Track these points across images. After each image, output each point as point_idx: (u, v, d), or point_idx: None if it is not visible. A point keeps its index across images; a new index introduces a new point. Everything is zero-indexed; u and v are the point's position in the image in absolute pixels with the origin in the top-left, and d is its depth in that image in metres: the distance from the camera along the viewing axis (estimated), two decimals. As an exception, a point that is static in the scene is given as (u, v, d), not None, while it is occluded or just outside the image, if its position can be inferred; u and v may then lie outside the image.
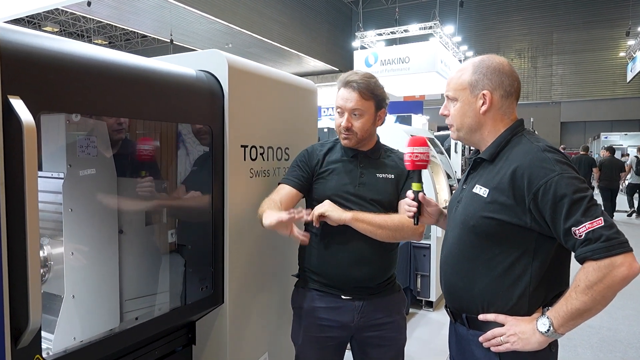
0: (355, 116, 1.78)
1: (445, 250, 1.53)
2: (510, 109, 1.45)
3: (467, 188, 1.49)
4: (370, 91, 1.77)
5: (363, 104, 1.77)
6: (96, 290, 1.65)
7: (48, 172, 1.61)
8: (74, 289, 1.57)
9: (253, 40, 16.87)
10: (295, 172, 1.85)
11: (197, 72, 1.70)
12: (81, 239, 1.60)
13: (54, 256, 1.58)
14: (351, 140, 1.81)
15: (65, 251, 1.56)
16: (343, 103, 1.78)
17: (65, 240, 1.55)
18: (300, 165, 1.85)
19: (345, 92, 1.78)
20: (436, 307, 4.49)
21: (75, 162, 1.60)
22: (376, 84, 1.81)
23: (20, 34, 1.13)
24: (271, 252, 2.03)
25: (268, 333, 2.06)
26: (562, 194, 1.24)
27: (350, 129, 1.78)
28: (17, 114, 1.04)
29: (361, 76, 1.78)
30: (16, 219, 1.05)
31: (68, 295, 1.55)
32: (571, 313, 1.24)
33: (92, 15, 15.36)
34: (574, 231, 1.22)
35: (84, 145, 1.65)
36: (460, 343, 1.51)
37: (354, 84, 1.75)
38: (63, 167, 1.57)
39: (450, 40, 14.48)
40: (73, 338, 1.53)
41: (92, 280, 1.63)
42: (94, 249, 1.64)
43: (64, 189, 1.55)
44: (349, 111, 1.77)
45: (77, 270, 1.59)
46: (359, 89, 1.75)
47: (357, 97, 1.76)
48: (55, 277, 1.58)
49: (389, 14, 20.24)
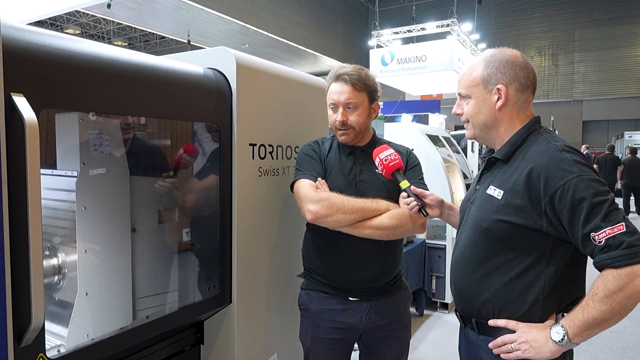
0: (350, 109, 1.74)
1: (456, 252, 1.48)
2: (526, 103, 1.39)
3: (481, 189, 1.44)
4: (362, 82, 1.73)
5: (357, 96, 1.73)
6: (109, 287, 1.65)
7: (62, 171, 1.62)
8: (87, 286, 1.57)
9: (269, 40, 16.91)
10: (314, 165, 1.77)
11: (205, 70, 1.69)
12: (94, 236, 1.60)
13: (68, 264, 1.58)
14: (349, 135, 1.76)
15: (78, 249, 1.56)
16: (336, 97, 1.73)
17: (78, 238, 1.55)
18: (315, 157, 1.79)
19: (337, 85, 1.74)
20: (451, 309, 4.41)
21: (88, 160, 1.60)
22: (367, 75, 1.77)
23: (23, 31, 1.13)
24: (279, 251, 2.01)
25: (277, 333, 2.04)
26: (581, 197, 1.17)
27: (346, 123, 1.74)
28: (19, 111, 1.03)
29: (352, 68, 1.75)
30: (19, 216, 1.04)
31: (81, 292, 1.55)
32: (588, 322, 1.17)
33: (112, 17, 15.60)
34: (593, 237, 1.16)
35: (97, 143, 1.65)
36: (469, 348, 1.47)
37: (345, 77, 1.72)
38: (77, 165, 1.58)
39: (468, 38, 14.29)
40: (86, 335, 1.53)
41: (105, 277, 1.64)
42: (107, 246, 1.64)
43: (77, 188, 1.55)
44: (342, 105, 1.73)
45: (91, 268, 1.59)
46: (351, 81, 1.71)
47: (350, 89, 1.72)
48: (70, 285, 1.58)
49: (406, 12, 20.06)
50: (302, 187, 1.70)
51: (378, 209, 1.66)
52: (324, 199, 1.62)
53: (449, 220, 1.69)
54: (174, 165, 1.86)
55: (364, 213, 1.64)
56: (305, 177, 1.73)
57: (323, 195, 1.64)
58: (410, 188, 1.57)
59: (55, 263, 1.59)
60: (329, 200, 1.62)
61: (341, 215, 1.61)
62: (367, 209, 1.64)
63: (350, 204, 1.63)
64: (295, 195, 1.74)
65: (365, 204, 1.65)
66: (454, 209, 1.68)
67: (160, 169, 1.91)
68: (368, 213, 1.64)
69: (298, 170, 1.78)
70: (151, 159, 1.99)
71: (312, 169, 1.75)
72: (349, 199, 1.64)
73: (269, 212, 1.94)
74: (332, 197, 1.63)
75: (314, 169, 1.75)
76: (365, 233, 1.65)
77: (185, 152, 1.84)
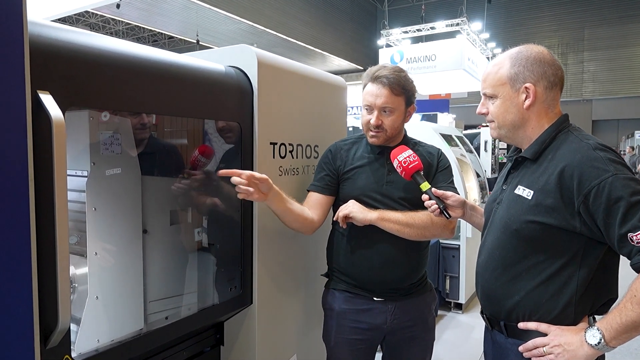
0: (386, 113, 1.70)
1: (484, 254, 1.45)
2: (554, 101, 1.36)
3: (508, 189, 1.40)
4: (401, 86, 1.69)
5: (394, 101, 1.68)
6: (120, 291, 1.62)
7: (72, 170, 1.60)
8: (98, 289, 1.54)
9: (278, 40, 16.90)
10: (321, 176, 1.79)
11: (226, 68, 1.67)
12: (105, 238, 1.57)
13: (78, 277, 1.56)
14: (379, 138, 1.73)
15: (89, 251, 1.53)
16: (372, 100, 1.68)
17: (88, 239, 1.52)
18: (325, 168, 1.80)
19: (374, 87, 1.68)
20: (465, 310, 4.37)
21: (99, 160, 1.58)
22: (406, 78, 1.73)
23: (49, 28, 1.11)
24: (300, 251, 1.99)
25: (297, 334, 2.02)
26: (617, 196, 1.14)
27: (381, 126, 1.70)
28: (46, 109, 1.01)
29: (391, 70, 1.69)
30: (46, 217, 1.02)
31: (92, 296, 1.52)
32: (626, 325, 1.14)
33: (121, 17, 15.67)
34: (631, 237, 1.13)
35: (108, 142, 1.63)
36: (497, 351, 1.44)
37: (384, 79, 1.66)
38: (87, 165, 1.55)
39: (477, 37, 14.20)
40: (97, 340, 1.51)
41: (116, 280, 1.61)
42: (119, 248, 1.61)
43: (87, 188, 1.52)
44: (378, 108, 1.69)
45: (101, 271, 1.56)
46: (389, 84, 1.66)
47: (388, 93, 1.67)
48: (80, 299, 1.55)
49: (415, 12, 19.98)
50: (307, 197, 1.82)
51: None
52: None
53: (471, 221, 1.66)
54: (189, 167, 1.83)
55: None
56: (310, 189, 1.81)
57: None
58: (431, 190, 1.54)
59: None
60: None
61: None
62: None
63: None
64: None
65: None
66: (476, 210, 1.65)
67: (176, 170, 1.89)
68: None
69: (314, 176, 1.85)
70: (166, 159, 1.96)
71: (318, 180, 1.81)
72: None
73: (289, 212, 1.91)
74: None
75: (320, 180, 1.80)
76: (393, 228, 1.64)
77: (201, 154, 1.81)
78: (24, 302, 0.96)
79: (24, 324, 0.97)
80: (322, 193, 1.77)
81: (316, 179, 1.81)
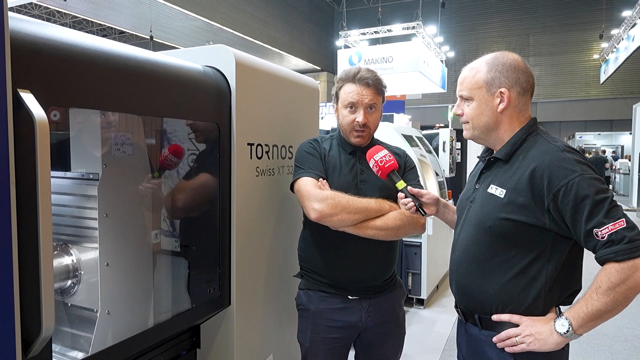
0: (371, 110, 1.75)
1: (458, 251, 1.51)
2: (525, 106, 1.45)
3: (481, 188, 1.48)
4: (381, 85, 1.78)
5: (377, 99, 1.76)
6: (132, 304, 1.57)
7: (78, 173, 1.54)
8: (109, 304, 1.47)
9: (234, 38, 16.65)
10: (316, 163, 1.74)
11: (204, 68, 1.65)
12: (118, 248, 1.51)
13: (84, 264, 1.49)
14: (365, 137, 1.78)
15: (100, 262, 1.46)
16: (359, 98, 1.73)
17: (100, 249, 1.46)
18: (316, 156, 1.77)
19: (359, 87, 1.73)
20: (427, 305, 4.51)
21: (110, 161, 1.52)
22: (381, 77, 1.80)
23: (30, 23, 1.06)
24: (275, 252, 2.00)
25: (273, 334, 2.02)
26: (584, 195, 1.23)
27: (367, 124, 1.74)
28: (28, 108, 0.97)
29: (369, 71, 1.77)
30: (28, 220, 0.98)
31: (103, 311, 1.45)
32: (592, 314, 1.23)
33: (68, 9, 14.92)
34: (596, 232, 1.22)
35: (119, 142, 1.57)
36: (471, 344, 1.50)
37: (368, 80, 1.73)
38: (98, 167, 1.50)
39: (432, 40, 14.60)
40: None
41: (128, 294, 1.54)
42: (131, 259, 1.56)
43: (99, 192, 1.46)
44: (365, 106, 1.73)
45: (113, 283, 1.49)
46: (374, 84, 1.73)
47: (373, 92, 1.74)
48: (87, 289, 1.49)
49: (372, 14, 20.25)
50: (305, 185, 1.67)
51: (381, 209, 1.68)
52: (329, 197, 1.62)
53: (444, 218, 1.73)
54: (157, 166, 1.79)
55: (368, 213, 1.65)
56: (307, 175, 1.70)
57: (328, 194, 1.63)
58: (407, 188, 1.58)
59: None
60: (334, 199, 1.62)
61: (346, 215, 1.61)
62: (371, 210, 1.65)
63: (355, 204, 1.63)
64: (297, 193, 1.71)
65: (370, 204, 1.66)
66: (449, 207, 1.72)
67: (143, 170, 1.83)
68: (372, 213, 1.65)
69: (299, 168, 1.75)
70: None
71: (314, 167, 1.73)
72: (353, 198, 1.65)
73: (266, 213, 1.92)
74: (337, 196, 1.63)
75: (316, 167, 1.73)
76: (369, 233, 1.66)
77: (171, 153, 1.78)
78: (4, 309, 0.93)
79: (5, 331, 0.94)
80: (324, 176, 1.73)
81: (312, 165, 1.73)
